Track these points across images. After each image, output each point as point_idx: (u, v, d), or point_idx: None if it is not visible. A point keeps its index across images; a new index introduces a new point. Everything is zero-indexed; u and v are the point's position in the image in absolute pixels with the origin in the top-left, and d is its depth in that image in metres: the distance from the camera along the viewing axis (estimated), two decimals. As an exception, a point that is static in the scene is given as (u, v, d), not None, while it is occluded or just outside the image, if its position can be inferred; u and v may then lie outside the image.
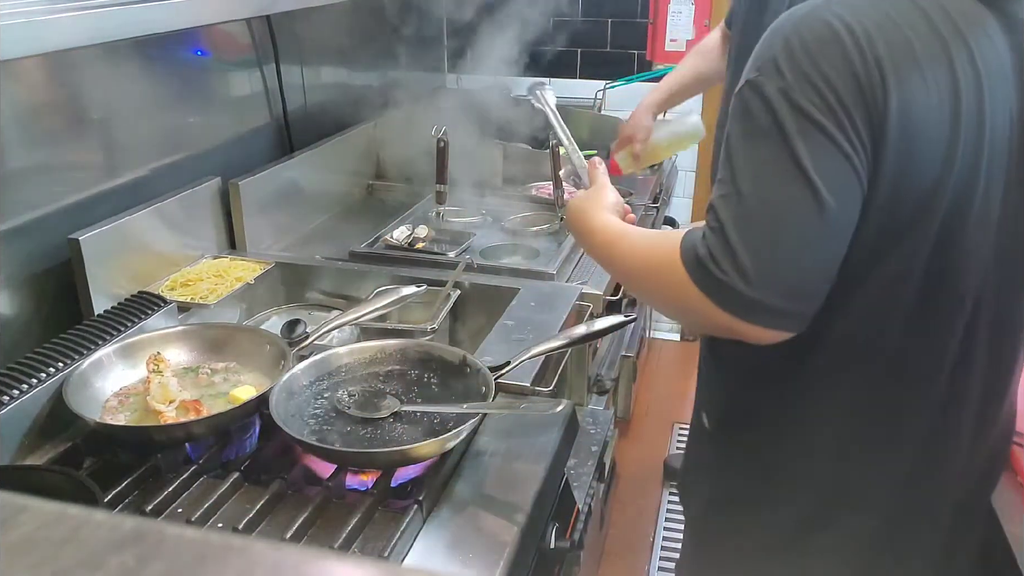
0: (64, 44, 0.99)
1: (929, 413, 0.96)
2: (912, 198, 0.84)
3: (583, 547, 1.33)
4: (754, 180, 0.82)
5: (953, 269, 0.88)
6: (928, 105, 0.81)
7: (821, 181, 0.79)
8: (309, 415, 1.11)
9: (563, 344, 1.25)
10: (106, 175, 1.51)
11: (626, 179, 2.49)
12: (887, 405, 0.96)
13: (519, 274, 1.70)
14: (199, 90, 1.77)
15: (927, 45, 0.82)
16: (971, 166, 0.84)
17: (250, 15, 1.77)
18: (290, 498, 1.02)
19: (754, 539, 1.09)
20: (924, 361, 0.94)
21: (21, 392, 1.11)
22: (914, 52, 0.81)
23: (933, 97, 0.81)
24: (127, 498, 1.02)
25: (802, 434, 1.01)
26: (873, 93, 0.80)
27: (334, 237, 1.96)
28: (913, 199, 0.84)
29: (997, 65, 0.84)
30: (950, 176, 0.83)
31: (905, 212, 0.84)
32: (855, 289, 0.89)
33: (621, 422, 2.34)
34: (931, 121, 0.82)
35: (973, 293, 0.91)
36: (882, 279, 0.88)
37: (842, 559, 1.04)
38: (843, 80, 0.80)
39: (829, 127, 0.79)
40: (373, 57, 2.43)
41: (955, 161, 0.83)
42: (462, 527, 0.99)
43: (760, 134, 0.82)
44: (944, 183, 0.83)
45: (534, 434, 1.15)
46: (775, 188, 0.81)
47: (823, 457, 1.00)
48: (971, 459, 1.02)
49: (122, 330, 1.27)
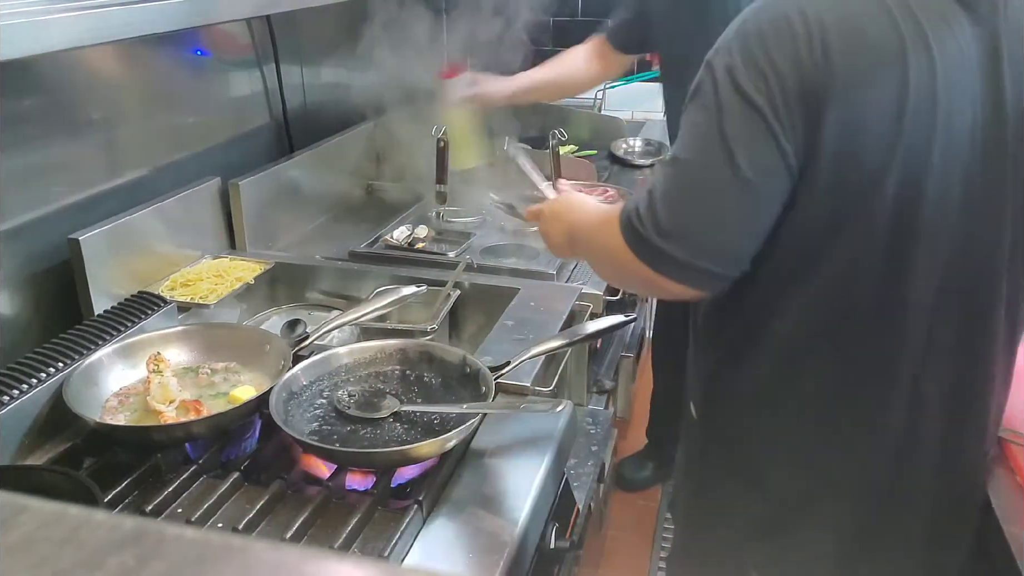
0: (64, 44, 0.99)
1: (899, 398, 0.98)
2: (856, 182, 0.89)
3: (583, 547, 1.33)
4: (685, 147, 0.91)
5: (910, 253, 0.92)
6: (874, 99, 0.87)
7: (743, 155, 0.86)
8: (309, 415, 1.11)
9: (563, 344, 1.25)
10: (106, 175, 1.51)
11: (625, 179, 2.49)
12: (860, 388, 0.99)
13: (519, 274, 1.70)
14: (199, 90, 1.77)
15: (884, 40, 0.87)
16: (921, 154, 0.88)
17: (250, 15, 1.77)
18: (290, 498, 1.02)
19: (736, 528, 1.11)
20: (889, 344, 0.96)
21: (21, 392, 1.11)
22: (868, 47, 0.87)
23: (880, 91, 0.87)
24: (127, 498, 1.02)
25: (779, 417, 1.04)
26: (816, 86, 0.85)
27: (334, 237, 1.96)
28: (857, 183, 0.89)
29: (958, 58, 0.88)
30: (894, 162, 0.88)
31: (851, 195, 0.90)
32: (813, 270, 0.94)
33: (621, 422, 2.34)
34: (874, 113, 0.87)
35: (936, 278, 0.94)
36: (839, 261, 0.93)
37: (823, 548, 1.06)
38: (788, 69, 0.86)
39: (764, 109, 0.86)
40: (373, 57, 2.42)
41: (899, 150, 0.87)
42: (462, 527, 0.99)
43: (701, 107, 0.90)
44: (889, 168, 0.88)
45: (534, 434, 1.15)
46: (699, 153, 0.90)
47: (801, 443, 1.03)
48: (949, 447, 1.03)
49: (122, 330, 1.27)
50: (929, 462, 1.02)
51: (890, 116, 0.87)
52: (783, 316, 0.98)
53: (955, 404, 1.00)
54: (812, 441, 1.03)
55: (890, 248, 0.92)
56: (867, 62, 0.86)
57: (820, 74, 0.85)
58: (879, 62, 0.87)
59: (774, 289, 0.97)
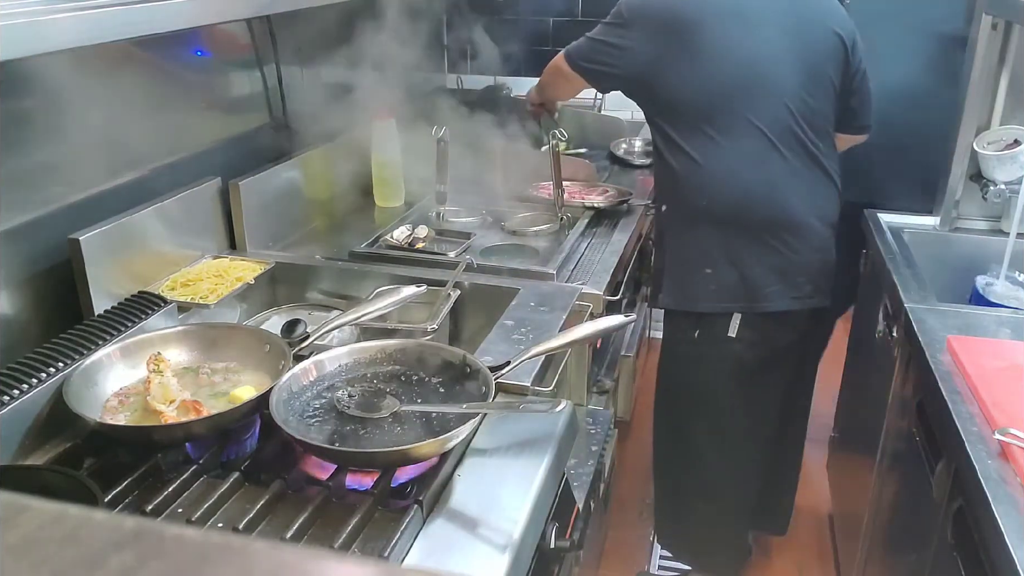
0: (64, 44, 0.99)
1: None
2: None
3: (583, 547, 1.33)
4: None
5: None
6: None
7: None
8: (309, 415, 1.11)
9: (563, 344, 1.25)
10: (106, 175, 1.51)
11: (625, 179, 2.49)
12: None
13: (519, 274, 1.70)
14: (199, 90, 1.77)
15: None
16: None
17: (250, 15, 1.77)
18: (290, 498, 1.02)
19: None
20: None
21: (21, 392, 1.11)
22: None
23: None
24: (127, 498, 1.02)
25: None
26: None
27: (334, 237, 1.96)
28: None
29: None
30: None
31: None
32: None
33: (621, 422, 2.34)
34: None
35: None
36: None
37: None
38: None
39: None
40: (373, 57, 2.42)
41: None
42: (462, 527, 0.99)
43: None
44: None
45: (534, 434, 1.15)
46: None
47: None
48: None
49: (122, 330, 1.27)
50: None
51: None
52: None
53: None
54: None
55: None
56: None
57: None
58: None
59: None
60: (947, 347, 1.47)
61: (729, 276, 1.79)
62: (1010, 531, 1.03)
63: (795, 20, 1.78)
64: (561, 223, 2.02)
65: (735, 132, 1.75)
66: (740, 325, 1.80)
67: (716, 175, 1.77)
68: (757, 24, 1.76)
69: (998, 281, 1.82)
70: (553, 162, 2.03)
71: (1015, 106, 2.03)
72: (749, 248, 1.78)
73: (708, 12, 1.74)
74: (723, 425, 1.94)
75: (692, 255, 1.83)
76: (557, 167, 2.03)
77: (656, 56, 1.76)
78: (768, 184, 1.76)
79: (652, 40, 1.76)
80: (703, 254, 1.81)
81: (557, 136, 2.05)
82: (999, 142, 2.02)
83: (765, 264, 1.78)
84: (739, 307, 1.80)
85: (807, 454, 2.27)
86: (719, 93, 1.75)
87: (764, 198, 1.77)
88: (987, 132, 2.05)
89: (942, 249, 2.08)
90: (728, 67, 1.74)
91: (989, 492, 1.10)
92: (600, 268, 1.79)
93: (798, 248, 1.79)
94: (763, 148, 1.75)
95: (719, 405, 1.92)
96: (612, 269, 1.79)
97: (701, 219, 1.80)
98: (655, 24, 1.76)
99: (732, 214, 1.77)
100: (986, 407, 1.27)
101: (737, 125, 1.74)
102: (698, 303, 1.83)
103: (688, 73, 1.74)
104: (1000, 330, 1.55)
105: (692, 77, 1.74)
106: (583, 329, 1.27)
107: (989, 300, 1.79)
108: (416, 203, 2.16)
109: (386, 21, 2.07)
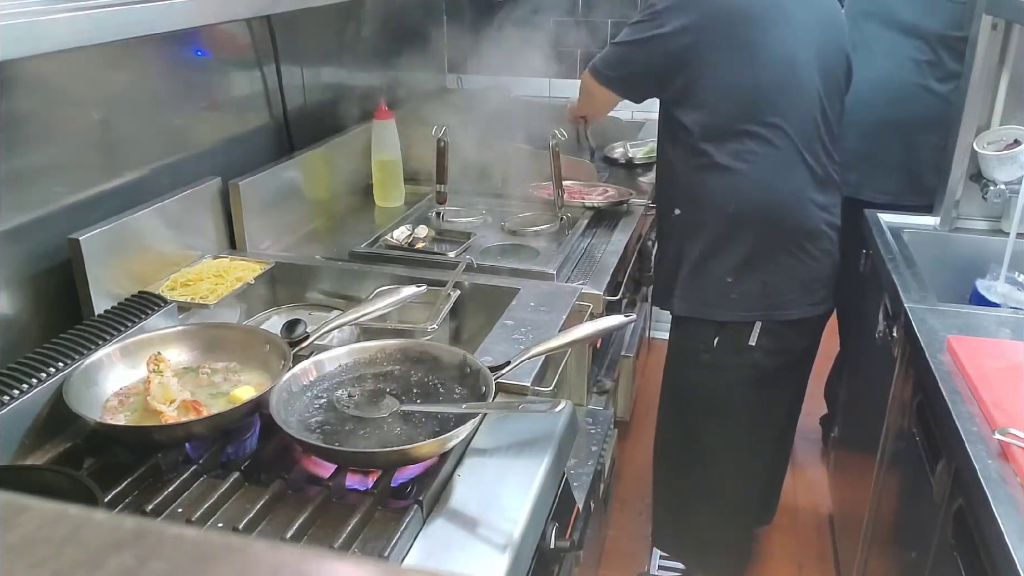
0: (64, 44, 0.99)
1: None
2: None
3: (583, 547, 1.33)
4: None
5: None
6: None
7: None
8: (309, 415, 1.11)
9: (563, 344, 1.25)
10: (106, 175, 1.51)
11: (625, 179, 2.49)
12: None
13: (519, 274, 1.70)
14: (199, 90, 1.76)
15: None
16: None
17: (250, 15, 1.77)
18: (290, 498, 1.02)
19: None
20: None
21: (21, 392, 1.10)
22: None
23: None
24: (127, 498, 1.01)
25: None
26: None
27: (334, 237, 1.96)
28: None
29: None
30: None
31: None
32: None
33: (621, 422, 2.34)
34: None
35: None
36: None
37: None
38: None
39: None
40: (373, 57, 2.42)
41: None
42: (462, 527, 0.99)
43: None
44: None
45: (534, 434, 1.15)
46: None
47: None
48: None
49: (122, 330, 1.27)
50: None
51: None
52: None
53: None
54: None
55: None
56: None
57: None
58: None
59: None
60: (947, 347, 1.47)
61: (752, 285, 1.75)
62: (1010, 531, 1.03)
63: (822, 22, 1.75)
64: (561, 223, 2.02)
65: (769, 138, 1.69)
66: (760, 333, 1.77)
67: (748, 183, 1.70)
68: (796, 23, 1.68)
69: (998, 282, 1.82)
70: (553, 162, 2.03)
71: (1015, 106, 2.03)
72: (774, 257, 1.74)
73: (756, 3, 1.67)
74: (734, 430, 1.91)
75: (712, 262, 1.77)
76: (557, 167, 2.03)
77: (692, 43, 1.66)
78: (795, 193, 1.73)
79: (690, 29, 1.65)
80: (725, 262, 1.76)
81: (557, 136, 2.05)
82: (999, 142, 2.02)
83: (788, 273, 1.75)
84: (760, 315, 1.76)
85: (801, 454, 2.27)
86: (757, 94, 1.67)
87: (792, 208, 1.73)
88: (987, 132, 2.05)
89: (942, 249, 2.08)
90: (769, 66, 1.66)
91: (989, 492, 1.10)
92: (600, 268, 1.79)
93: (816, 256, 1.77)
94: (792, 156, 1.71)
95: (733, 411, 1.88)
96: (612, 269, 1.79)
97: (726, 226, 1.74)
98: (696, 10, 1.66)
99: (761, 223, 1.72)
100: (986, 407, 1.27)
101: (770, 131, 1.68)
102: (718, 312, 1.79)
103: (725, 68, 1.66)
104: (1000, 330, 1.55)
105: (729, 73, 1.66)
106: (583, 329, 1.27)
107: (989, 300, 1.79)
108: (416, 203, 2.16)
109: (386, 21, 2.07)
